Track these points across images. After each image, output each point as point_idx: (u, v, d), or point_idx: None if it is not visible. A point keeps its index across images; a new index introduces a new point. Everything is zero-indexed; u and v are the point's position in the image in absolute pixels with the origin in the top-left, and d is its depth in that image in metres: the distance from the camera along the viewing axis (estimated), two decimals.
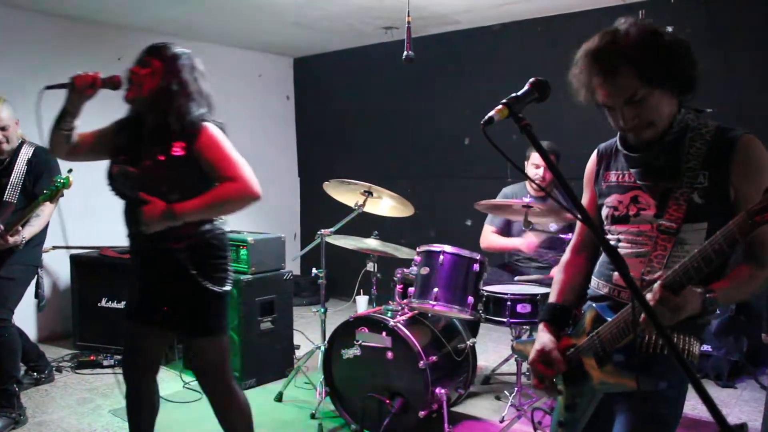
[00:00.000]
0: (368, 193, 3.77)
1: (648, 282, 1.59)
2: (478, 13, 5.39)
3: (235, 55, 6.84)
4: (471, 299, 3.38)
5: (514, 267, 4.24)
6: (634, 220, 1.75)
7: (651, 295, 1.47)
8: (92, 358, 4.57)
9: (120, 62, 5.68)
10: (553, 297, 1.98)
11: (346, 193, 3.88)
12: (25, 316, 4.82)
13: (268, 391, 4.06)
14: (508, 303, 3.44)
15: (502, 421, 3.55)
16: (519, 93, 1.46)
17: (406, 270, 3.65)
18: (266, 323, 4.26)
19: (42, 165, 3.74)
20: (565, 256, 2.05)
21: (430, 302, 3.35)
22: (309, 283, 6.68)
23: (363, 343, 3.41)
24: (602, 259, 1.90)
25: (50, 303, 4.30)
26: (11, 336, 3.58)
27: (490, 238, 4.28)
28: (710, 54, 4.14)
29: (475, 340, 3.76)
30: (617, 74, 1.58)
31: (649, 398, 1.66)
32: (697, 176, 1.63)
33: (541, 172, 4.06)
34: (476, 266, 3.42)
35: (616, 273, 1.78)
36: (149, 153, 2.32)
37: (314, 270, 3.92)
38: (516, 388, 3.64)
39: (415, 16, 4.59)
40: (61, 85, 2.37)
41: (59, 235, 4.31)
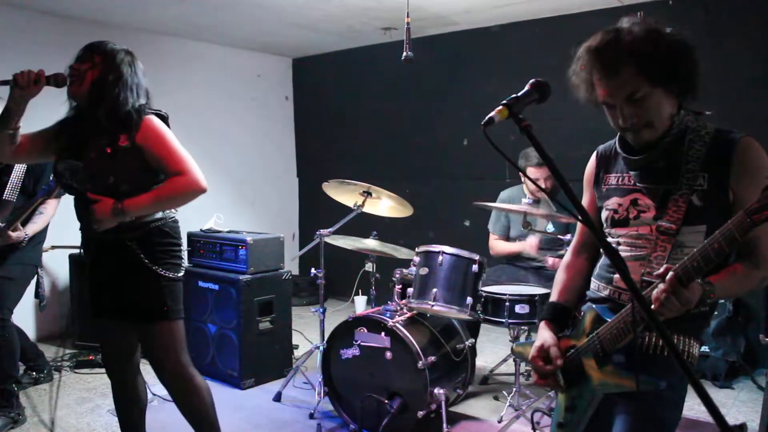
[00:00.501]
0: (367, 194, 3.78)
1: (649, 282, 1.60)
2: (477, 14, 5.40)
3: (234, 55, 6.85)
4: (470, 300, 3.39)
5: (513, 268, 4.25)
6: (634, 223, 1.75)
7: (663, 286, 1.47)
8: (91, 357, 4.56)
9: None
10: (554, 296, 1.99)
11: (344, 194, 3.88)
12: (24, 316, 4.81)
13: (266, 391, 4.06)
14: (507, 304, 3.45)
15: (500, 421, 3.55)
16: (519, 94, 1.46)
17: (404, 270, 3.66)
18: (265, 323, 4.26)
19: (42, 165, 3.73)
20: (566, 257, 2.06)
21: (429, 302, 3.36)
22: (308, 284, 6.68)
23: (362, 343, 3.41)
24: (602, 261, 1.90)
25: (49, 302, 4.30)
26: (10, 335, 3.58)
27: (496, 245, 4.32)
28: (708, 55, 4.13)
29: (474, 340, 3.77)
30: (619, 71, 1.59)
31: (648, 399, 1.66)
32: (696, 178, 1.64)
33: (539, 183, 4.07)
34: (475, 267, 3.43)
35: (616, 275, 1.78)
36: (94, 146, 2.34)
37: (313, 270, 3.92)
38: (514, 389, 3.65)
39: (415, 17, 4.59)
40: (3, 82, 2.33)
41: (58, 235, 4.33)
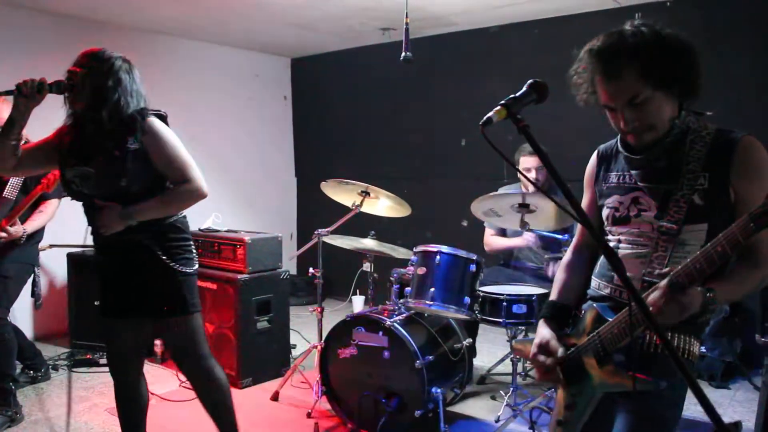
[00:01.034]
0: (365, 194, 3.78)
1: (650, 282, 1.61)
2: (476, 14, 5.41)
3: (232, 55, 6.85)
4: (467, 299, 3.39)
5: (511, 269, 4.25)
6: (635, 221, 1.76)
7: (658, 293, 1.48)
8: (88, 356, 4.57)
9: None
10: (553, 295, 2.00)
11: (343, 193, 3.89)
12: (21, 315, 4.81)
13: (264, 391, 4.07)
14: (504, 303, 3.45)
15: (497, 420, 3.56)
16: (517, 94, 1.47)
17: (402, 270, 3.67)
18: (263, 322, 4.26)
19: None
20: (566, 257, 2.06)
21: (427, 302, 3.36)
22: (305, 283, 6.69)
23: (360, 343, 3.42)
24: (603, 260, 1.91)
25: (47, 301, 4.30)
26: (7, 334, 3.58)
27: (491, 241, 4.32)
28: (706, 56, 4.15)
29: (472, 340, 3.77)
30: (620, 75, 1.59)
31: (649, 398, 1.67)
32: (697, 178, 1.64)
33: (531, 176, 4.08)
34: (473, 267, 3.44)
35: None
36: (101, 150, 2.36)
37: (311, 270, 3.93)
38: (512, 388, 3.65)
39: (413, 18, 4.60)
40: (6, 92, 2.35)
41: (56, 234, 4.33)
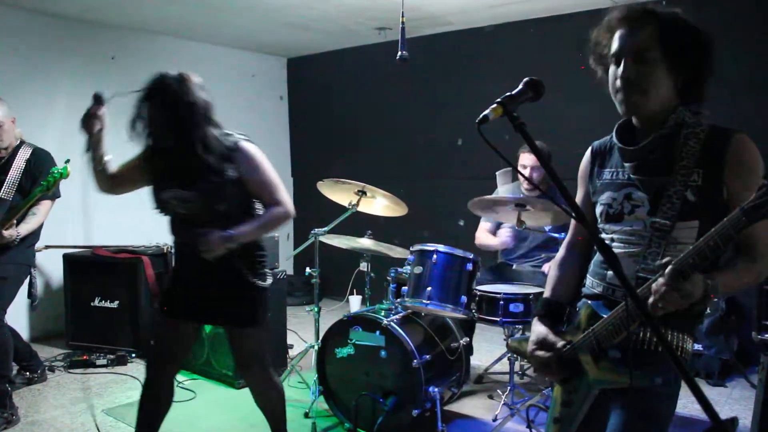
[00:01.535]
0: (362, 193, 3.78)
1: (644, 278, 1.61)
2: (472, 14, 5.41)
3: (228, 55, 6.84)
4: (464, 298, 3.40)
5: (508, 267, 4.26)
6: (628, 218, 1.76)
7: (662, 280, 1.47)
8: (85, 357, 4.55)
9: (113, 61, 5.73)
10: (547, 293, 2.00)
11: (339, 193, 3.88)
12: (17, 316, 4.79)
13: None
14: (501, 302, 3.46)
15: (494, 419, 3.56)
16: (513, 92, 1.47)
17: (399, 269, 3.67)
18: None
19: (40, 165, 3.73)
20: (559, 254, 2.06)
21: (424, 301, 3.37)
22: (302, 283, 6.68)
23: (357, 342, 3.42)
24: (596, 258, 1.91)
25: (43, 302, 4.30)
26: (3, 335, 3.57)
27: (481, 236, 4.33)
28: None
29: (469, 339, 3.77)
30: (641, 26, 1.65)
31: (644, 394, 1.67)
32: (690, 174, 1.64)
33: (527, 173, 4.08)
34: (469, 266, 3.44)
35: (609, 272, 1.79)
36: (200, 177, 2.44)
37: (308, 269, 3.92)
38: (509, 387, 3.66)
39: (409, 17, 4.59)
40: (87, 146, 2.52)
41: (52, 235, 4.32)
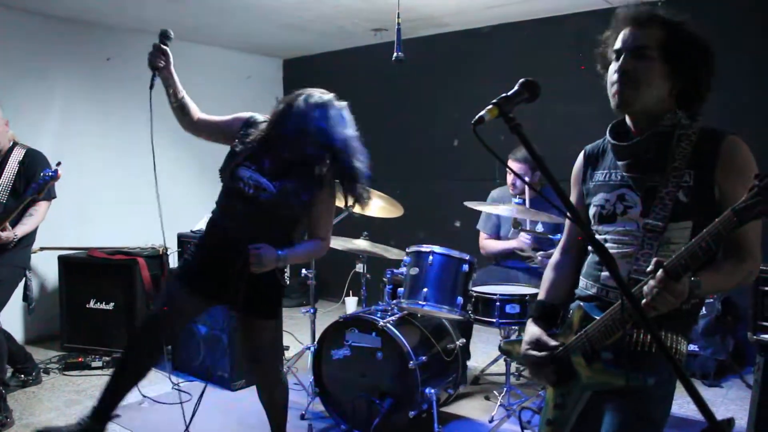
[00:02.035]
0: None
1: (636, 279, 1.61)
2: (468, 15, 5.42)
3: (224, 56, 6.83)
4: (460, 299, 3.39)
5: (503, 268, 4.25)
6: (621, 219, 1.77)
7: (654, 281, 1.48)
8: (80, 359, 4.53)
9: (109, 62, 5.71)
10: (541, 295, 2.01)
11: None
12: (11, 318, 4.77)
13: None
14: (497, 304, 3.46)
15: (491, 421, 3.56)
16: (509, 93, 1.48)
17: (395, 270, 3.66)
18: None
19: (34, 167, 3.72)
20: (554, 257, 2.07)
21: (420, 302, 3.36)
22: (298, 284, 6.67)
23: (353, 344, 3.41)
24: (590, 259, 1.92)
25: (38, 304, 4.28)
26: None
27: (486, 244, 4.32)
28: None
29: (466, 340, 3.77)
30: (645, 24, 1.68)
31: (638, 396, 1.67)
32: (682, 175, 1.66)
33: (510, 179, 4.09)
34: (465, 267, 3.44)
35: (603, 273, 1.80)
36: (291, 175, 2.55)
37: (303, 271, 3.92)
38: (505, 389, 3.65)
39: (405, 18, 4.59)
40: (152, 82, 2.57)
41: (47, 236, 4.31)
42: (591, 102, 1.76)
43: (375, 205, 3.93)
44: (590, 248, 1.89)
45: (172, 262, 4.98)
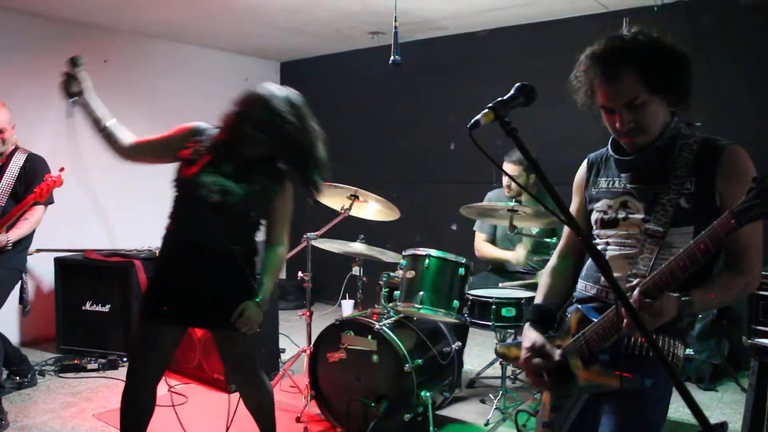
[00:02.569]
0: (354, 197, 3.78)
1: (631, 286, 1.63)
2: (465, 19, 5.43)
3: (221, 58, 6.83)
4: (456, 303, 3.39)
5: (500, 274, 4.26)
6: (623, 223, 1.79)
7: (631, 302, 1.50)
8: (76, 361, 4.52)
9: (106, 64, 5.71)
10: (538, 299, 2.01)
11: (332, 197, 3.88)
12: (7, 320, 4.76)
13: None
14: (494, 307, 3.46)
15: (487, 424, 3.56)
16: (505, 97, 1.48)
17: (391, 273, 3.66)
18: None
19: (35, 172, 3.72)
20: (551, 261, 2.08)
21: (416, 306, 3.36)
22: (294, 287, 6.67)
23: (348, 347, 3.41)
24: (589, 263, 1.93)
25: (34, 306, 4.27)
26: None
27: (482, 247, 4.32)
28: (693, 62, 4.19)
29: (461, 344, 3.77)
30: (620, 78, 1.64)
31: (634, 399, 1.68)
32: (684, 182, 1.68)
33: (506, 181, 4.10)
34: (462, 270, 3.44)
35: None
36: (256, 175, 2.48)
37: (300, 273, 3.92)
38: (501, 392, 3.66)
39: (402, 22, 4.61)
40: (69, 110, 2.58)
41: (44, 238, 4.30)
42: (582, 107, 1.77)
43: (371, 208, 3.94)
44: (590, 241, 1.89)
45: None
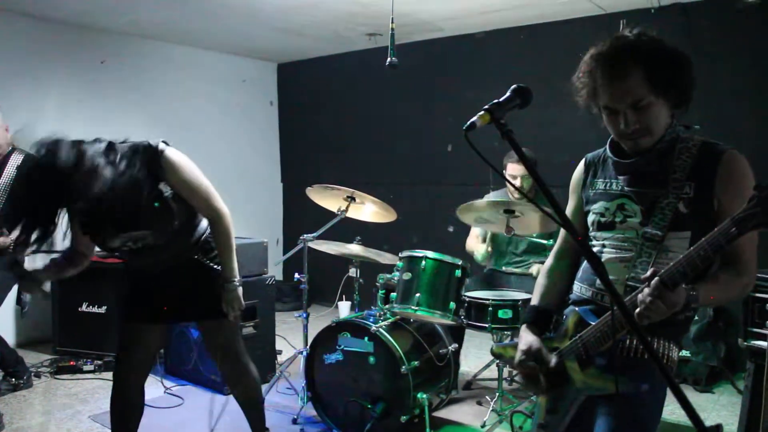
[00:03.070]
0: (351, 199, 3.78)
1: (633, 286, 1.62)
2: (462, 20, 5.44)
3: (219, 59, 6.83)
4: (453, 305, 3.39)
5: (496, 276, 4.26)
6: (620, 227, 1.78)
7: (648, 290, 1.49)
8: (72, 363, 4.52)
9: (103, 65, 5.71)
10: (535, 300, 2.01)
11: (328, 199, 3.88)
12: (3, 321, 4.76)
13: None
14: (490, 309, 3.46)
15: (483, 425, 3.56)
16: (501, 99, 1.48)
17: (388, 275, 3.66)
18: (248, 328, 4.23)
19: None
20: (548, 262, 2.07)
21: (412, 307, 3.36)
22: (291, 289, 6.66)
23: (345, 348, 3.41)
24: (585, 264, 1.92)
25: (30, 307, 4.25)
26: None
27: (472, 243, 4.31)
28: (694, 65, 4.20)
29: (458, 345, 3.77)
30: (627, 78, 1.63)
31: (630, 401, 1.68)
32: (683, 187, 1.68)
33: (516, 183, 4.09)
34: (458, 272, 3.44)
35: None
36: (138, 211, 2.40)
37: (297, 275, 3.91)
38: (497, 394, 3.66)
39: (400, 23, 4.61)
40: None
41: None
42: (584, 109, 1.77)
43: (368, 210, 3.94)
44: (587, 244, 1.88)
45: None
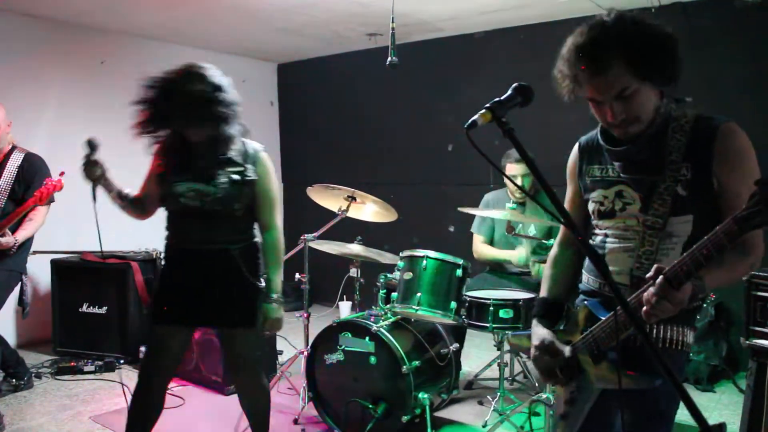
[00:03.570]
0: (352, 199, 3.78)
1: (639, 276, 1.60)
2: (462, 20, 5.43)
3: (218, 60, 6.74)
4: (454, 304, 3.39)
5: (497, 276, 4.25)
6: (620, 215, 1.77)
7: (653, 290, 1.47)
8: (72, 364, 4.51)
9: (103, 66, 5.70)
10: (543, 292, 1.99)
11: (329, 198, 3.88)
12: (4, 322, 4.75)
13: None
14: (491, 308, 3.45)
15: (484, 425, 3.56)
16: (502, 97, 1.48)
17: (389, 275, 3.66)
18: None
19: (33, 172, 3.71)
20: (553, 251, 2.06)
21: (413, 307, 3.36)
22: (292, 289, 6.64)
23: (346, 348, 3.40)
24: None
25: (30, 308, 4.26)
26: None
27: (481, 249, 4.31)
28: (690, 61, 4.18)
29: (459, 345, 3.77)
30: (607, 70, 1.58)
31: (646, 393, 1.67)
32: (680, 169, 1.65)
33: (516, 181, 4.09)
34: (459, 271, 3.44)
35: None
36: (220, 171, 2.50)
37: (297, 275, 3.91)
38: (498, 393, 3.65)
39: (400, 23, 4.61)
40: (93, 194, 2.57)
41: (40, 240, 4.28)
42: (584, 107, 1.75)
43: (369, 210, 3.93)
44: (589, 243, 1.86)
45: None
